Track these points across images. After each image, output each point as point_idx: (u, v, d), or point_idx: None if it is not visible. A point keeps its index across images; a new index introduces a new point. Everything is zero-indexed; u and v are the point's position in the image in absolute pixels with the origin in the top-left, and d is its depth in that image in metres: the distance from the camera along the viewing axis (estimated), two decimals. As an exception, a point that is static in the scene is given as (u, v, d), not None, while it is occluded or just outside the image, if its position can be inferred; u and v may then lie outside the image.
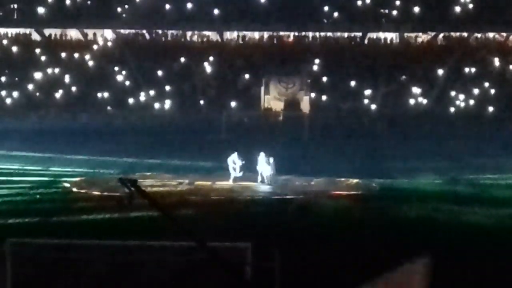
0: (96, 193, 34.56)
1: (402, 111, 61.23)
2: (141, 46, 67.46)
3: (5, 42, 67.95)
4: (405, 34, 68.18)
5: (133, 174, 36.74)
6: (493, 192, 35.04)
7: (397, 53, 66.71)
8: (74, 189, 36.02)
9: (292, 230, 25.14)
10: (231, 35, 69.70)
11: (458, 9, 66.19)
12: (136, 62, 65.16)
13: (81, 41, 68.57)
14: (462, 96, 62.53)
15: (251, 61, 65.64)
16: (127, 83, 63.90)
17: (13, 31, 68.88)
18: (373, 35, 68.58)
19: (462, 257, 20.85)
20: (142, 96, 62.64)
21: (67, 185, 37.08)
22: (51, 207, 30.37)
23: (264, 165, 37.78)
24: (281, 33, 68.65)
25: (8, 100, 62.42)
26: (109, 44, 68.06)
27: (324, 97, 62.58)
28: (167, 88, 63.17)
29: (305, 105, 62.80)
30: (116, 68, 64.73)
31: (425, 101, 62.56)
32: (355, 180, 39.03)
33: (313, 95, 62.93)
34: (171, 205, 27.06)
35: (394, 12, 66.84)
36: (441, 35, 68.47)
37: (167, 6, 66.50)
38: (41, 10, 66.58)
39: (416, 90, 63.08)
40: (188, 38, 69.10)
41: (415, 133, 54.78)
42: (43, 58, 65.69)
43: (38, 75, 63.98)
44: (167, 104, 62.22)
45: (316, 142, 52.62)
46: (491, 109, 61.05)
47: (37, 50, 66.58)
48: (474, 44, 68.11)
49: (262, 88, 63.56)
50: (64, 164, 43.83)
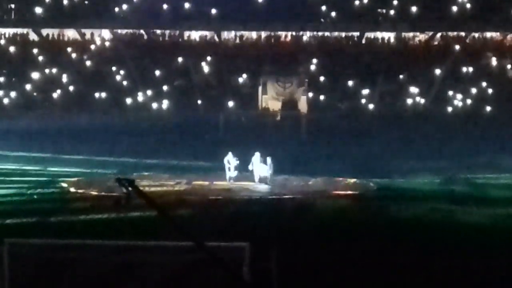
0: (94, 193, 34.61)
1: (400, 111, 61.17)
2: (139, 46, 67.28)
3: (3, 42, 67.80)
4: (403, 34, 68.11)
5: (131, 174, 36.76)
6: (491, 192, 35.13)
7: (395, 53, 66.61)
8: (72, 189, 36.07)
9: (290, 230, 25.15)
10: (229, 35, 69.59)
11: (456, 9, 66.11)
12: (134, 62, 65.03)
13: (79, 41, 68.44)
14: (460, 96, 62.44)
15: (249, 61, 65.51)
16: (125, 83, 63.76)
17: (11, 31, 68.71)
18: (371, 35, 68.46)
19: (458, 256, 20.89)
20: (140, 96, 62.54)
21: (65, 185, 37.10)
22: (49, 207, 30.36)
23: (260, 165, 37.86)
24: (279, 33, 68.52)
25: (6, 100, 62.28)
26: (107, 44, 67.94)
27: (322, 97, 62.44)
28: (165, 88, 63.06)
29: (303, 105, 62.68)
30: (114, 68, 64.58)
31: (423, 101, 62.49)
32: (353, 180, 39.10)
33: (311, 95, 62.81)
34: (169, 205, 27.05)
35: (392, 12, 66.74)
36: (439, 35, 68.40)
37: (165, 6, 66.37)
38: (39, 10, 66.39)
39: (414, 90, 62.96)
40: (186, 38, 69.02)
41: (413, 133, 54.73)
42: (41, 58, 65.54)
43: (36, 75, 63.80)
44: (165, 104, 62.13)
45: (314, 142, 52.62)
46: (489, 109, 60.99)
47: (35, 50, 66.45)
48: (472, 44, 68.09)
49: (260, 88, 63.45)
50: (62, 164, 43.88)
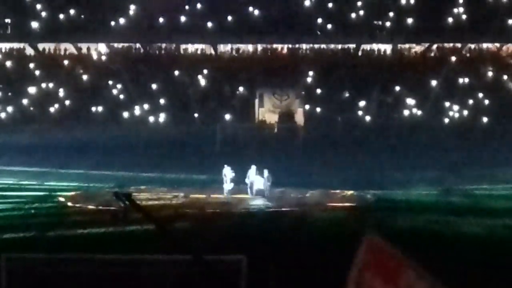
0: (91, 207, 34.56)
1: (397, 122, 61.24)
2: (135, 60, 67.41)
3: (-1, 57, 67.95)
4: (399, 46, 68.28)
5: (128, 188, 36.72)
6: (488, 203, 35.14)
7: (391, 64, 66.78)
8: (69, 203, 36.02)
9: (287, 243, 25.14)
10: (225, 48, 69.76)
11: (452, 20, 66.31)
12: (130, 76, 65.12)
13: (75, 55, 68.53)
14: (457, 107, 62.58)
15: (245, 74, 65.63)
16: (122, 97, 63.85)
17: (7, 46, 68.81)
18: (367, 47, 68.64)
19: (455, 267, 20.88)
20: (137, 110, 62.59)
21: (62, 199, 37.07)
22: (46, 222, 30.32)
23: (256, 178, 37.89)
24: (275, 46, 68.70)
25: (3, 115, 62.31)
26: (103, 58, 68.06)
27: (319, 109, 62.53)
28: (162, 101, 63.13)
29: (300, 117, 62.77)
30: (110, 82, 64.67)
31: (420, 112, 62.58)
32: (350, 192, 39.09)
33: (308, 107, 62.90)
34: (166, 218, 27.05)
35: (388, 24, 66.93)
36: (435, 46, 68.58)
37: (161, 20, 66.53)
38: (35, 25, 66.52)
39: (411, 101, 63.07)
40: (182, 51, 69.13)
41: (410, 144, 54.80)
42: (37, 73, 65.63)
43: (32, 90, 63.88)
44: (162, 117, 62.18)
45: (311, 154, 52.65)
46: (486, 120, 61.09)
47: (31, 65, 66.52)
48: (468, 55, 68.28)
49: (257, 101, 63.58)
50: (59, 179, 43.85)
